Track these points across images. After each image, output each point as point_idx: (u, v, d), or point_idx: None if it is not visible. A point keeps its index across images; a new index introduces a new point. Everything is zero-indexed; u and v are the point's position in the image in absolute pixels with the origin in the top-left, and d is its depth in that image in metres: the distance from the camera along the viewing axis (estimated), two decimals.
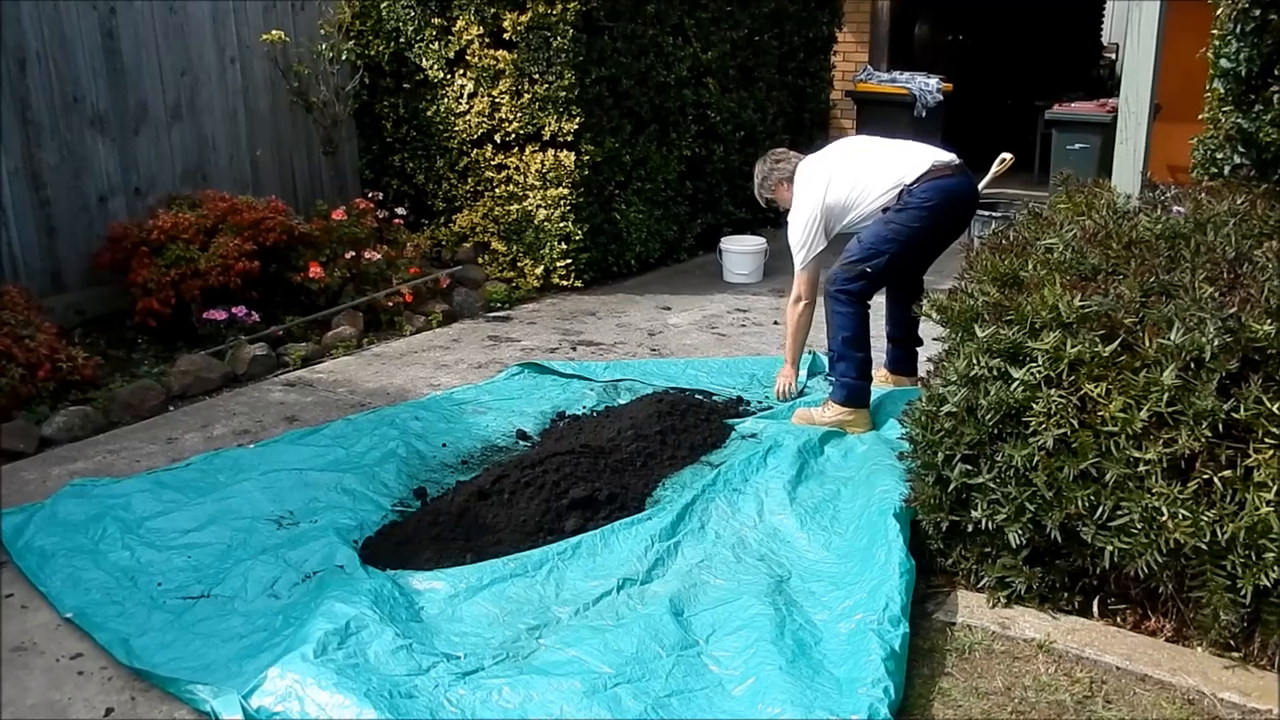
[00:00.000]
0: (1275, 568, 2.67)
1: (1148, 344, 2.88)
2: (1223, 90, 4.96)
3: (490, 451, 4.40)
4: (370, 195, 6.97)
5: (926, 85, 8.57)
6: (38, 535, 3.62)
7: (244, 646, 3.02)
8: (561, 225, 6.70)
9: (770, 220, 8.51)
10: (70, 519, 3.72)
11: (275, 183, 6.83)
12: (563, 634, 3.04)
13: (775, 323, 6.16)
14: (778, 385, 4.92)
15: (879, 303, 4.65)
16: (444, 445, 4.40)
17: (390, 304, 6.13)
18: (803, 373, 5.05)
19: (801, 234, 4.57)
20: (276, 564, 3.45)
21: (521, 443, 4.49)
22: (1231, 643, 2.87)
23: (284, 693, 2.74)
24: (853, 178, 4.51)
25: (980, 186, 6.99)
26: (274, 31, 6.36)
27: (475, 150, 6.98)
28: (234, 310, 5.60)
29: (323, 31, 6.74)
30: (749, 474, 3.95)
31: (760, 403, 4.90)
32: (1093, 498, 2.88)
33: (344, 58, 6.75)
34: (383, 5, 7.02)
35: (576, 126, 6.56)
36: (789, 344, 4.87)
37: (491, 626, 3.08)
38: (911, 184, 4.37)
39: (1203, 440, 2.76)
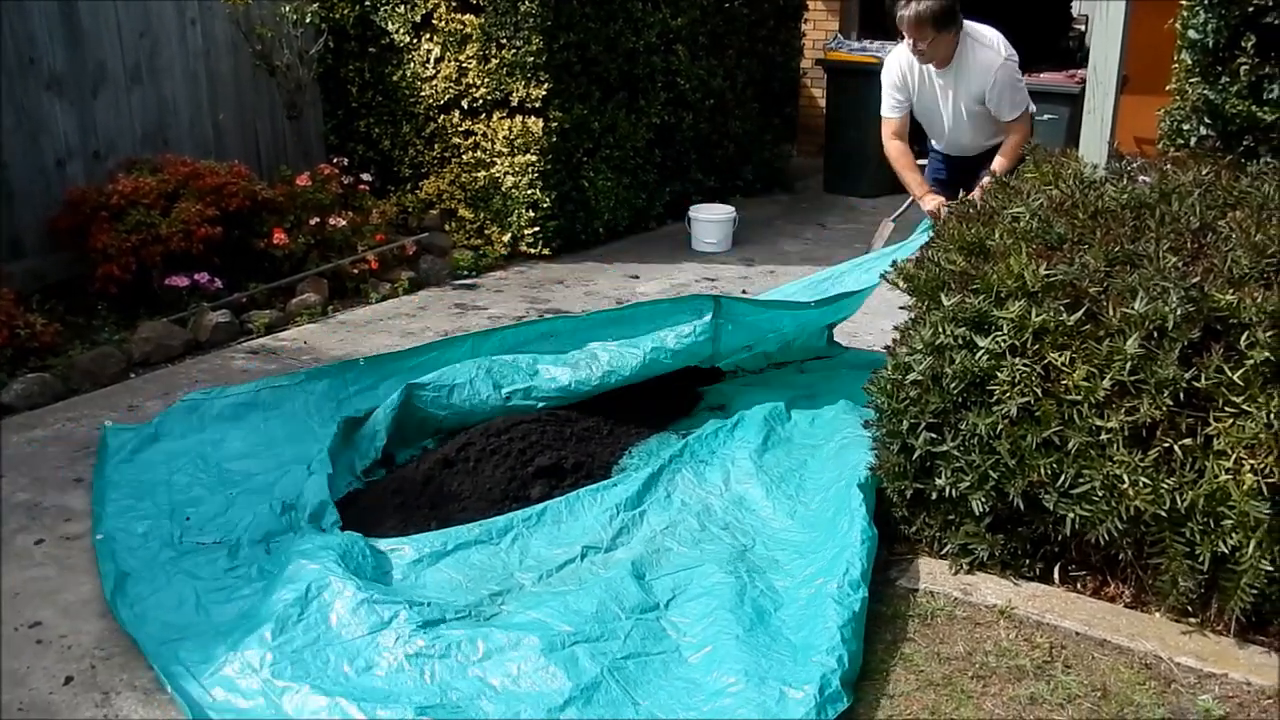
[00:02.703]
0: (1233, 535, 2.70)
1: (1112, 313, 2.89)
2: (1190, 62, 4.97)
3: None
4: (335, 161, 6.88)
5: None
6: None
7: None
8: (529, 192, 6.65)
9: (739, 189, 8.50)
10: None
11: (238, 147, 6.72)
12: (525, 599, 3.04)
13: (744, 291, 6.15)
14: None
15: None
16: None
17: (356, 271, 6.07)
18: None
19: (1020, 89, 4.79)
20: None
21: None
22: (1189, 608, 2.90)
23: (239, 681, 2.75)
24: None
25: None
26: None
27: (442, 116, 6.90)
28: (196, 277, 5.52)
29: None
30: (716, 442, 3.94)
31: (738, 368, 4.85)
32: (1055, 466, 2.90)
33: (308, 20, 6.63)
34: None
35: (545, 93, 6.49)
36: (1004, 164, 4.68)
37: (454, 592, 3.08)
38: None
39: (1164, 409, 2.78)
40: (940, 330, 3.13)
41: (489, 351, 4.40)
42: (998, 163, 4.71)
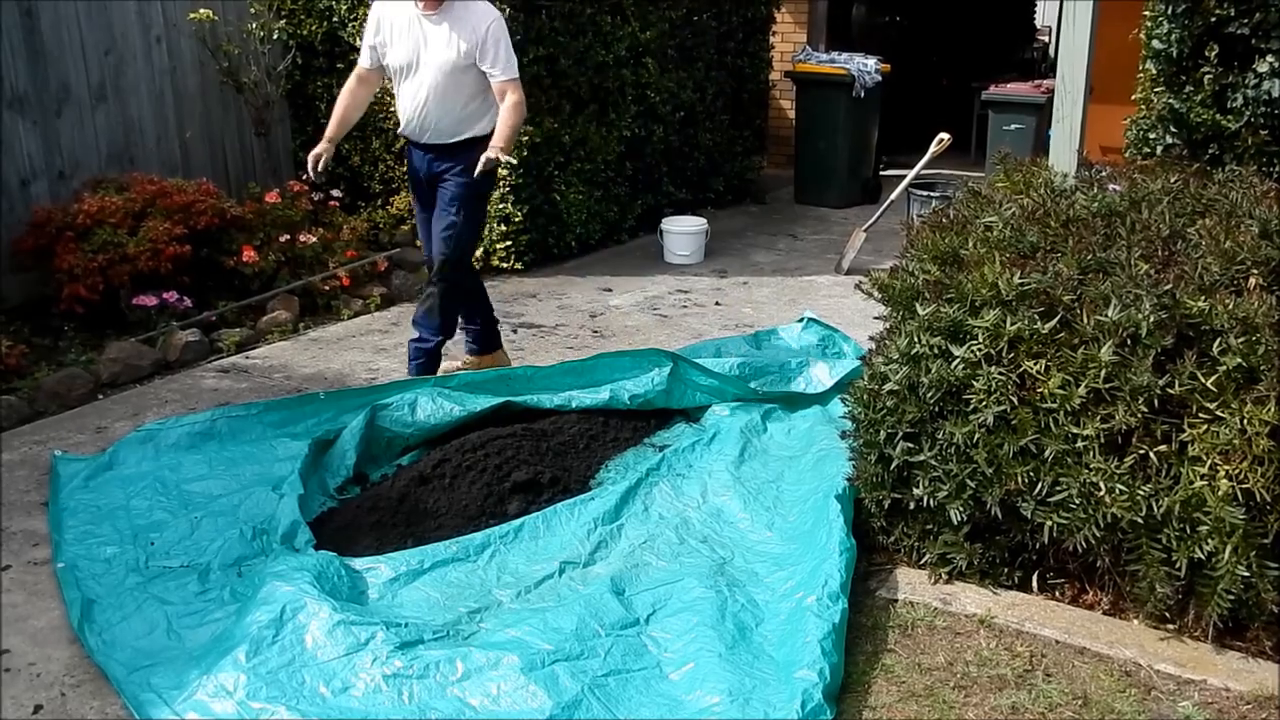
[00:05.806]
0: (1209, 541, 2.71)
1: (1085, 321, 2.91)
2: (1155, 71, 5.02)
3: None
4: (305, 177, 6.82)
5: (865, 66, 8.58)
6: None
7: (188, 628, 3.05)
8: (501, 207, 6.63)
9: (710, 201, 8.51)
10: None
11: (206, 165, 6.67)
12: (504, 617, 3.01)
13: (717, 303, 6.16)
14: (488, 156, 4.54)
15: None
16: None
17: (327, 288, 6.02)
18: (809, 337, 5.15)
19: (512, 53, 4.59)
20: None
21: None
22: (1167, 615, 2.91)
23: (213, 704, 2.70)
24: None
25: (918, 166, 7.04)
26: (202, 11, 6.19)
27: None
28: (165, 296, 5.46)
29: (253, 10, 6.58)
30: (693, 455, 3.93)
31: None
32: (1032, 474, 2.91)
33: (275, 37, 6.59)
34: None
35: None
36: (508, 134, 4.54)
37: (432, 611, 3.04)
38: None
39: (1139, 416, 2.79)
40: (916, 340, 3.13)
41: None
42: (500, 131, 4.53)
